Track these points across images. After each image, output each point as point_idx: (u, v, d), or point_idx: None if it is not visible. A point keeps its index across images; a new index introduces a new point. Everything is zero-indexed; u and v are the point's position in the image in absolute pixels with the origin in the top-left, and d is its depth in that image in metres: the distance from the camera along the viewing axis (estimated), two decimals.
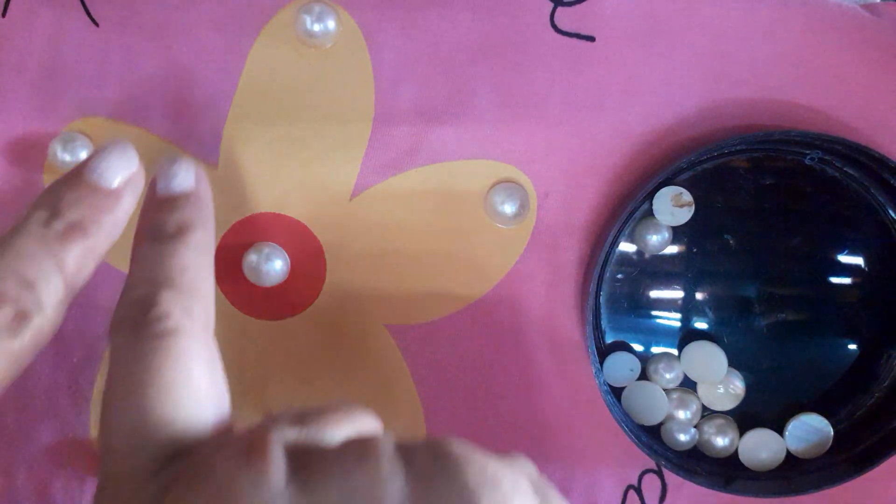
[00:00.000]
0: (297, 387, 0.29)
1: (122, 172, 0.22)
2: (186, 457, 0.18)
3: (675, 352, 0.29)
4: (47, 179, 0.28)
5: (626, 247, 0.29)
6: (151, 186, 0.22)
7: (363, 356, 0.29)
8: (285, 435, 0.18)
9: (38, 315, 0.20)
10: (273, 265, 0.28)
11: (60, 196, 0.21)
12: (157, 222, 0.21)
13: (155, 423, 0.18)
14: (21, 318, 0.20)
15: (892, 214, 0.29)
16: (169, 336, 0.19)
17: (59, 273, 0.20)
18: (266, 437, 0.17)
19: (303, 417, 0.19)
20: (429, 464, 0.17)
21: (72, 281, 0.21)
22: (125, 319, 0.19)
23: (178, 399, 0.19)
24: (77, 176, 0.21)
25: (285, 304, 0.29)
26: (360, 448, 0.17)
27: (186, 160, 0.22)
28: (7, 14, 0.27)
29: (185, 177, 0.22)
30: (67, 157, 0.27)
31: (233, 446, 0.17)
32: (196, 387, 0.19)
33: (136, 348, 0.19)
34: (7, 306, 0.19)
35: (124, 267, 0.28)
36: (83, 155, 0.27)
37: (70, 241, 0.21)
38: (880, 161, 0.27)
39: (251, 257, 0.28)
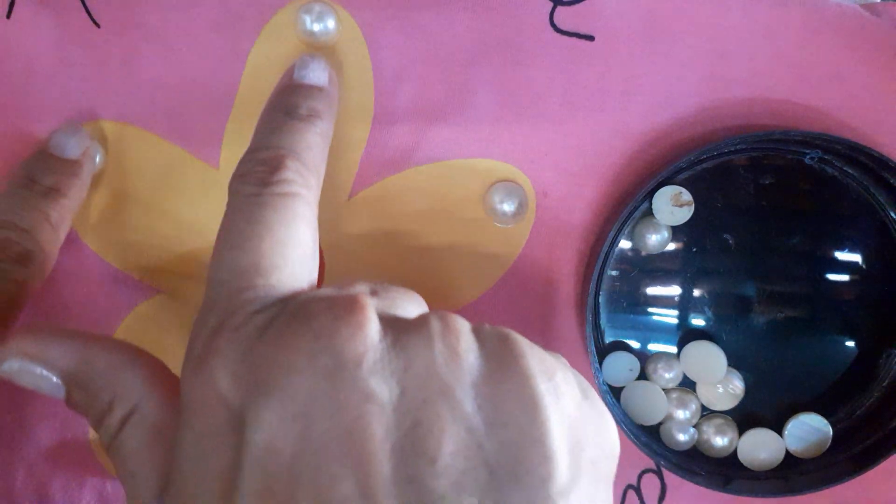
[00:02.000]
0: None
1: (80, 145, 0.26)
2: (288, 300, 0.19)
3: (674, 351, 0.29)
4: None
5: (625, 246, 0.29)
6: (288, 72, 0.26)
7: None
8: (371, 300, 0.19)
9: (38, 253, 0.24)
10: None
11: (35, 168, 0.26)
12: (292, 102, 0.24)
13: (266, 268, 0.20)
14: (25, 254, 0.24)
15: (892, 214, 0.29)
16: (290, 197, 0.21)
17: (48, 222, 0.25)
18: (361, 296, 0.19)
19: (376, 291, 0.20)
20: (498, 346, 0.18)
21: (57, 231, 0.25)
22: (252, 173, 0.22)
23: (287, 254, 0.21)
24: (43, 152, 0.26)
25: None
26: (441, 321, 0.19)
27: (323, 60, 0.26)
28: (11, 16, 0.27)
29: (321, 73, 0.25)
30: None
31: (330, 299, 0.19)
32: (302, 248, 0.21)
33: (259, 201, 0.21)
34: (13, 246, 0.23)
35: (124, 266, 0.28)
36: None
37: (51, 198, 0.25)
38: (880, 160, 0.27)
39: None
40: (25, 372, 0.21)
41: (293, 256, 0.21)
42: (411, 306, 0.21)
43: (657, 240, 0.28)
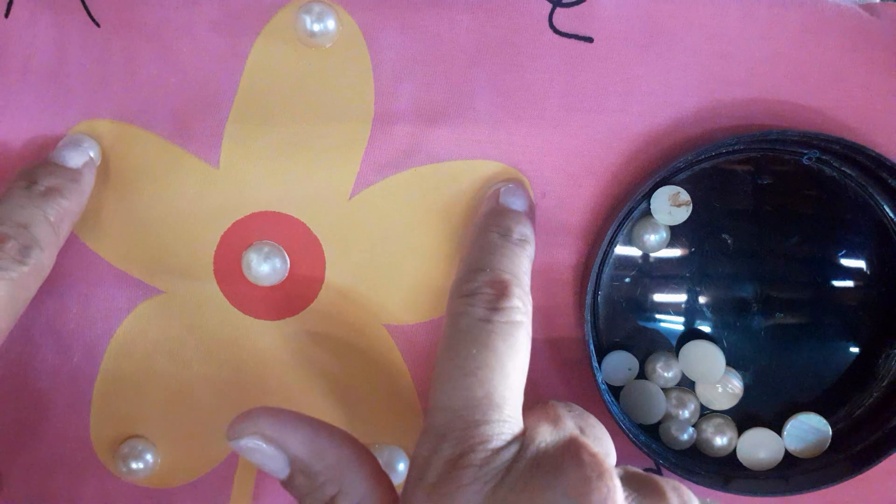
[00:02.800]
0: (296, 386, 0.29)
1: (81, 156, 0.27)
2: (526, 442, 0.21)
3: (673, 350, 0.29)
4: None
5: (624, 246, 0.29)
6: (493, 196, 0.27)
7: (362, 355, 0.29)
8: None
9: (36, 249, 0.24)
10: (272, 264, 0.28)
11: (35, 171, 0.26)
12: (506, 225, 0.26)
13: (499, 401, 0.21)
14: (24, 250, 0.24)
15: (891, 214, 0.29)
16: (516, 326, 0.22)
17: (47, 221, 0.25)
18: (604, 462, 0.20)
19: (581, 427, 0.22)
20: None
21: (55, 231, 0.25)
22: (481, 294, 0.23)
23: (514, 386, 0.22)
24: (45, 160, 0.26)
25: (284, 304, 0.29)
26: (677, 494, 0.21)
27: (521, 189, 0.27)
28: (10, 15, 0.27)
29: (524, 201, 0.27)
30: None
31: (577, 457, 0.20)
32: (523, 378, 0.22)
33: (490, 328, 0.22)
34: (11, 241, 0.24)
35: (124, 266, 0.28)
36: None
37: (50, 198, 0.25)
38: (878, 160, 0.27)
39: (251, 256, 0.28)
40: (258, 451, 0.22)
41: (518, 388, 0.22)
42: (607, 440, 0.23)
43: (656, 240, 0.28)
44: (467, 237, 0.26)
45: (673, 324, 0.29)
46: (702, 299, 0.29)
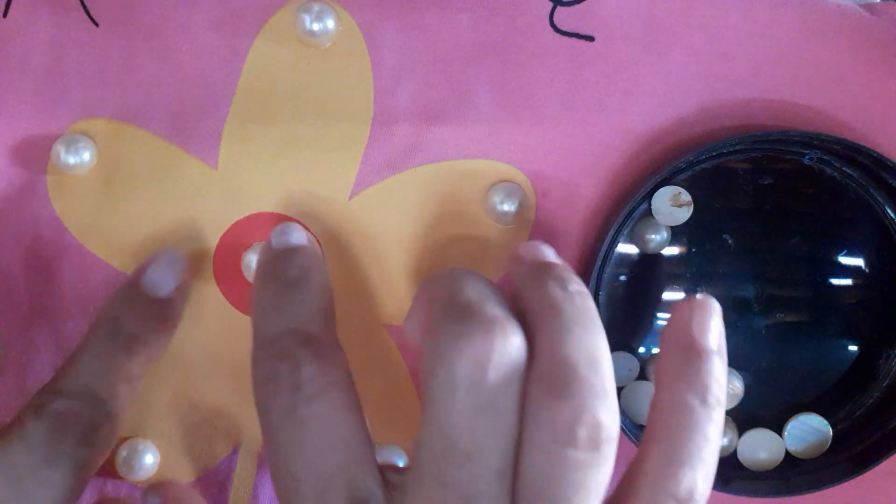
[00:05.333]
0: None
1: (174, 280, 0.25)
2: None
3: None
4: (50, 182, 0.28)
5: (624, 246, 0.29)
6: (267, 245, 0.25)
7: (362, 355, 0.29)
8: None
9: (106, 425, 0.23)
10: None
11: (120, 310, 0.24)
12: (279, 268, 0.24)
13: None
14: (91, 429, 0.22)
15: (891, 214, 0.29)
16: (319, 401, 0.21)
17: (127, 383, 0.23)
18: None
19: None
20: None
21: (133, 391, 0.24)
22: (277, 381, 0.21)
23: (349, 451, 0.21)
24: (133, 287, 0.25)
25: None
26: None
27: (296, 225, 0.26)
28: (8, 15, 0.27)
29: (299, 235, 0.25)
30: (71, 160, 0.27)
31: None
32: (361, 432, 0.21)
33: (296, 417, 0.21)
34: (80, 422, 0.22)
35: (123, 267, 0.28)
36: (86, 157, 0.27)
37: (134, 351, 0.23)
38: (879, 161, 0.27)
39: (250, 257, 0.28)
40: None
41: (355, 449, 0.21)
42: None
43: (656, 240, 0.28)
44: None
45: None
46: None
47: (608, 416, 0.19)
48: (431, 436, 0.19)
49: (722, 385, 0.22)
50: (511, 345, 0.19)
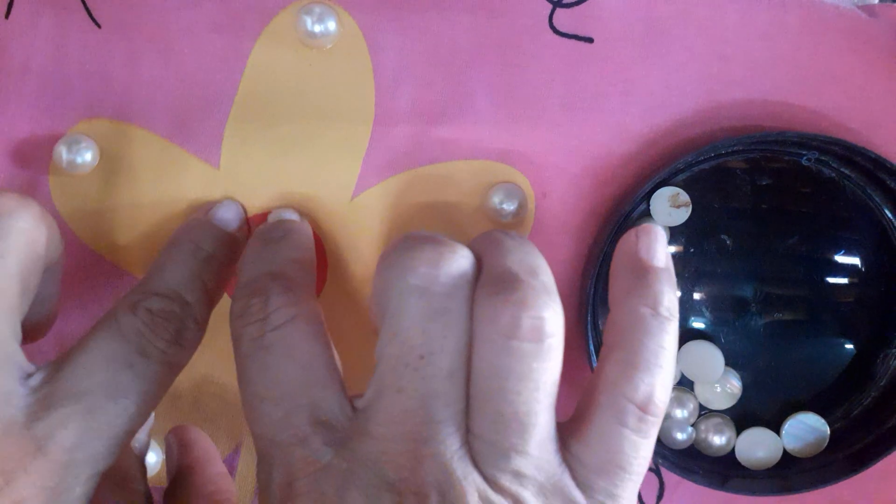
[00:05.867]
0: None
1: (238, 219, 0.27)
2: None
3: None
4: (52, 182, 0.28)
5: None
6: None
7: (364, 353, 0.29)
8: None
9: (192, 328, 0.23)
10: None
11: (198, 235, 0.26)
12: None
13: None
14: (183, 330, 0.23)
15: (889, 215, 0.29)
16: (287, 330, 0.22)
17: (207, 296, 0.24)
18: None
19: None
20: None
21: (214, 301, 0.25)
22: (247, 314, 0.22)
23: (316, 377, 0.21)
24: (205, 220, 0.27)
25: None
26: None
27: (292, 210, 0.28)
28: (10, 16, 0.27)
29: (291, 213, 0.27)
30: (73, 160, 0.27)
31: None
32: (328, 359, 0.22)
33: (261, 346, 0.22)
34: (171, 323, 0.23)
35: (126, 266, 0.28)
36: (88, 157, 0.27)
37: (212, 270, 0.25)
38: (877, 162, 0.27)
39: None
40: None
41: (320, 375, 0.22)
42: None
43: None
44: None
45: None
46: (700, 299, 0.29)
47: (549, 311, 0.20)
48: (387, 344, 0.20)
49: (673, 298, 0.23)
50: (459, 255, 0.21)
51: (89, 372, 0.21)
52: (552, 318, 0.20)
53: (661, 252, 0.23)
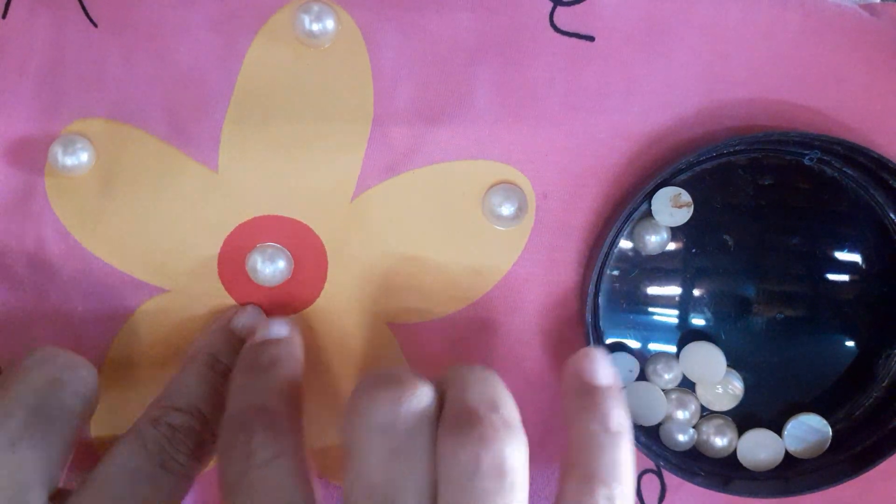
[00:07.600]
0: None
1: (285, 325, 0.27)
2: None
3: (673, 352, 0.29)
4: (48, 182, 0.28)
5: (625, 247, 0.29)
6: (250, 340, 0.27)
7: (364, 353, 0.29)
8: None
9: (210, 443, 0.25)
10: (276, 265, 0.28)
11: (217, 346, 0.27)
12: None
13: None
14: (202, 445, 0.24)
15: (891, 214, 0.29)
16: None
17: (223, 405, 0.24)
18: None
19: None
20: None
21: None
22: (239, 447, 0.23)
23: None
24: (226, 330, 0.27)
25: (288, 303, 0.29)
26: None
27: (281, 320, 0.27)
28: (7, 16, 0.27)
29: (279, 329, 0.27)
30: (69, 161, 0.27)
31: None
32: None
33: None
34: (190, 438, 0.24)
35: (126, 269, 0.28)
36: (84, 158, 0.27)
37: (226, 380, 0.25)
38: (879, 161, 0.27)
39: (255, 258, 0.28)
40: None
41: None
42: None
43: (656, 241, 0.28)
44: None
45: (673, 325, 0.29)
46: (702, 300, 0.29)
47: (510, 447, 0.21)
48: (352, 484, 0.21)
49: (622, 413, 0.24)
50: (421, 393, 0.22)
51: (113, 484, 0.23)
52: (513, 454, 0.21)
53: (604, 372, 0.24)
